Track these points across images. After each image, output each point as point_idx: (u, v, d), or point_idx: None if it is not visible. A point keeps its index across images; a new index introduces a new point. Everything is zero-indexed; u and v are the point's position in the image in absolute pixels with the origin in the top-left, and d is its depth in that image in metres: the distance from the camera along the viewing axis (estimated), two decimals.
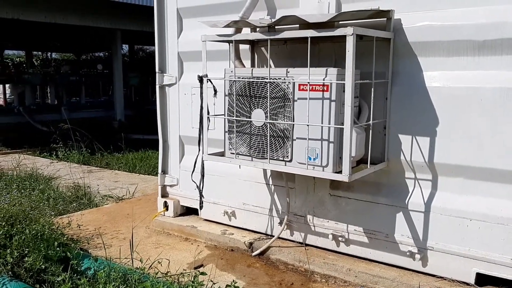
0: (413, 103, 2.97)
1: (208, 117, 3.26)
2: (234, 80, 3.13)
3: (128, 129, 12.86)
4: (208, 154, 3.30)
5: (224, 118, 3.25)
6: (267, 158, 3.04)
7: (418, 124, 2.96)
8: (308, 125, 2.79)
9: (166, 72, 4.24)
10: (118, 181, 6.72)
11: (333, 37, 3.11)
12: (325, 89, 2.78)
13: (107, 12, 13.08)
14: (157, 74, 4.25)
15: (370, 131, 2.89)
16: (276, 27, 3.19)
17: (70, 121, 8.86)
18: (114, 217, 4.75)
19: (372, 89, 2.84)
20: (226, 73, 3.23)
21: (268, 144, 3.01)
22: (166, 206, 4.37)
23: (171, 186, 4.39)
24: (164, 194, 4.43)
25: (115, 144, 9.30)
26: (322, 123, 2.80)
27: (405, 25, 2.96)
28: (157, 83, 4.25)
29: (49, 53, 25.07)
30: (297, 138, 2.93)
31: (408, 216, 3.07)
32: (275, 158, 3.05)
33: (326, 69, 2.78)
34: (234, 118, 3.16)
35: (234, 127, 3.20)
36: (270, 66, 3.10)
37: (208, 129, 3.31)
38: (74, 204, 5.29)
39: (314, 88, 2.81)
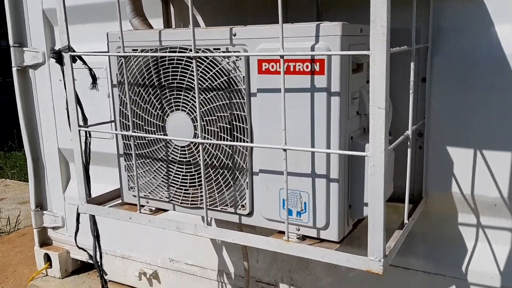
0: (473, 89, 1.55)
1: (84, 131, 1.65)
2: (125, 55, 1.55)
3: None
4: (88, 202, 1.71)
5: (114, 133, 1.67)
6: (202, 208, 1.52)
7: (487, 128, 1.55)
8: (284, 150, 1.29)
9: (27, 45, 2.55)
10: (4, 198, 4.92)
11: None
12: (317, 68, 1.28)
13: None
14: (12, 49, 2.54)
15: (409, 149, 1.42)
16: None
17: None
18: None
19: (412, 63, 1.36)
20: (110, 41, 1.63)
21: (204, 182, 1.47)
22: (49, 260, 2.76)
23: (54, 228, 2.76)
24: (45, 242, 2.80)
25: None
26: (314, 145, 1.31)
27: None
28: (13, 63, 2.55)
29: None
30: (260, 171, 1.43)
31: None
32: (219, 208, 1.54)
33: (317, 25, 1.27)
34: (131, 132, 1.59)
35: (133, 148, 1.64)
36: (198, 25, 1.56)
37: (88, 144, 1.72)
38: None
39: (293, 68, 1.30)
